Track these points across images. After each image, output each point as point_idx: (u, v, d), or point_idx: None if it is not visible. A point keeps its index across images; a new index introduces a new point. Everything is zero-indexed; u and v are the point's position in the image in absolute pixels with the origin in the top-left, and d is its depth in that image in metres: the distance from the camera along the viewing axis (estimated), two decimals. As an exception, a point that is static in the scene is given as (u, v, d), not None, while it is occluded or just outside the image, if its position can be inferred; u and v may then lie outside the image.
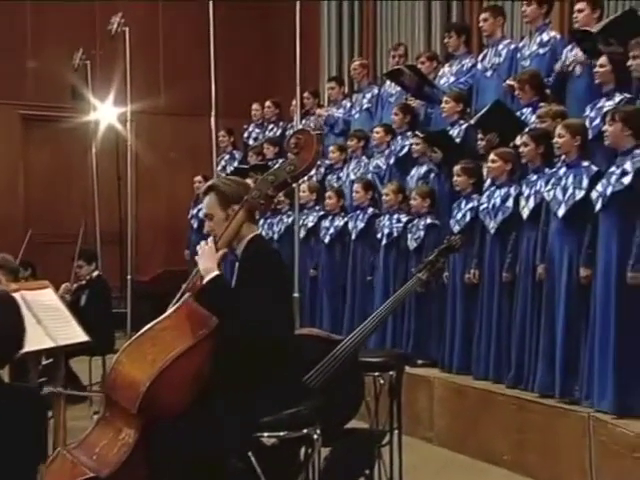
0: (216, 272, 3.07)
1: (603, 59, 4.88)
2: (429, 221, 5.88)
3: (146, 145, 9.96)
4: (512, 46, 6.18)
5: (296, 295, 5.34)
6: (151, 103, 9.86)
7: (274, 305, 3.07)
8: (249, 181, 3.61)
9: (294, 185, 6.19)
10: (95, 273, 6.79)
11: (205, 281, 3.06)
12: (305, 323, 6.62)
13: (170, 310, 3.12)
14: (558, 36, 5.87)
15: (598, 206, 4.39)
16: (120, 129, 9.61)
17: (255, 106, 9.06)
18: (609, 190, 4.33)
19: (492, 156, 5.24)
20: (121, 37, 8.37)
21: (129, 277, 8.28)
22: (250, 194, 3.15)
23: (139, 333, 3.06)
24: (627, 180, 4.27)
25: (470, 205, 5.47)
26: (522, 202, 5.01)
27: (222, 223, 3.17)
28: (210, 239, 3.17)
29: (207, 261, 3.08)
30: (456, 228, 5.45)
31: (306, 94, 8.28)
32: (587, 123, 4.88)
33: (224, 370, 3.07)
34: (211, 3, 7.46)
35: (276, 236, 7.43)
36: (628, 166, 4.29)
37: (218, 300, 3.05)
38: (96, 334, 4.10)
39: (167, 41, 10.48)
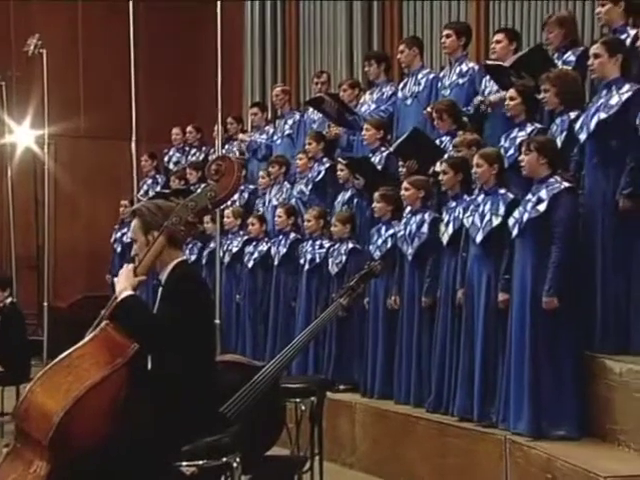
0: (129, 292, 3.06)
1: (512, 92, 5.02)
2: (350, 246, 5.94)
3: (65, 169, 9.80)
4: (431, 75, 6.31)
5: (217, 321, 5.30)
6: (71, 126, 9.71)
7: (195, 331, 3.06)
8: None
9: (216, 211, 6.19)
10: (9, 300, 6.62)
11: (118, 300, 3.05)
12: (228, 349, 6.58)
13: (87, 338, 3.07)
14: (476, 67, 6.04)
15: (514, 232, 4.50)
16: (38, 152, 9.42)
17: (175, 130, 9.03)
18: (525, 217, 4.45)
19: (405, 184, 5.37)
20: (39, 59, 8.23)
21: (45, 304, 8.09)
22: (170, 220, 3.15)
23: (54, 362, 3.00)
24: (542, 207, 4.40)
25: (391, 231, 5.55)
26: (442, 228, 5.11)
27: (144, 248, 3.20)
28: (131, 265, 3.16)
29: (123, 283, 3.09)
30: (377, 254, 5.52)
31: (229, 119, 8.31)
32: (502, 152, 5.02)
33: (142, 398, 3.03)
34: (132, 26, 7.43)
35: (204, 261, 7.39)
36: (543, 194, 4.42)
37: (131, 319, 3.05)
38: (8, 363, 3.99)
39: (87, 63, 10.33)
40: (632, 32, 4.69)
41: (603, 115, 4.40)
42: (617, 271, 4.37)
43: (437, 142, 5.73)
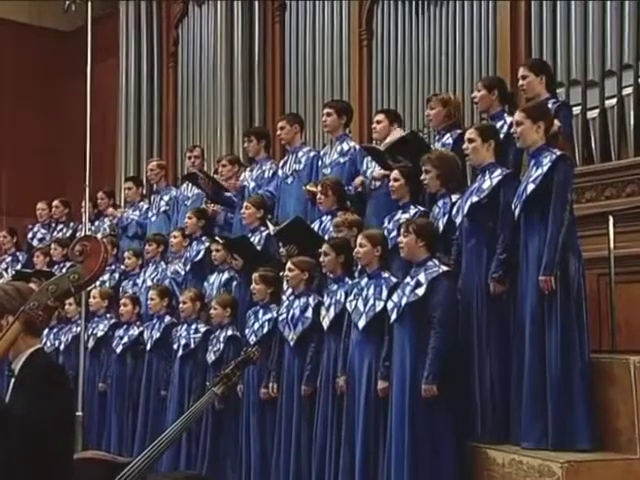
0: None
1: (396, 173, 5.23)
2: (230, 333, 5.87)
3: None
4: (312, 153, 6.47)
5: (79, 414, 5.15)
6: None
7: (52, 426, 2.97)
8: (33, 286, 3.53)
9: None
10: None
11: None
12: (91, 444, 6.37)
13: None
14: (357, 146, 6.23)
15: (393, 317, 4.61)
16: None
17: (41, 205, 8.85)
18: (404, 301, 4.57)
19: (289, 265, 5.36)
20: None
21: None
22: (27, 304, 3.08)
23: None
24: (421, 291, 4.54)
25: (269, 315, 5.54)
26: (323, 312, 5.15)
27: (-4, 335, 3.08)
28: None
29: None
30: (252, 339, 5.50)
31: (100, 194, 8.23)
32: (385, 234, 5.16)
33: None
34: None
35: (62, 347, 7.19)
36: (422, 277, 4.57)
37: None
38: None
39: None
40: (509, 119, 4.97)
41: (475, 198, 4.64)
42: (493, 357, 4.51)
43: (318, 222, 5.86)
